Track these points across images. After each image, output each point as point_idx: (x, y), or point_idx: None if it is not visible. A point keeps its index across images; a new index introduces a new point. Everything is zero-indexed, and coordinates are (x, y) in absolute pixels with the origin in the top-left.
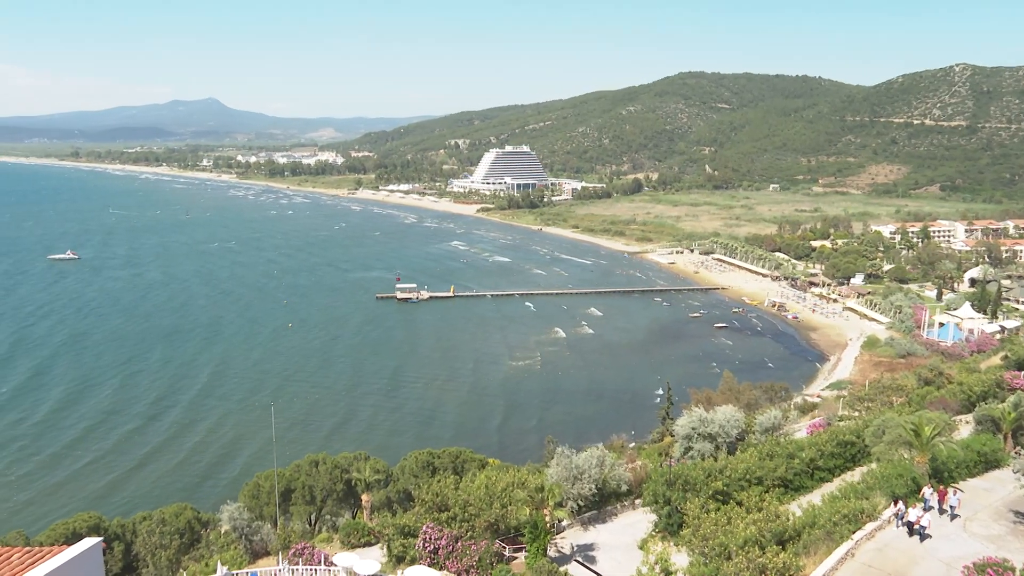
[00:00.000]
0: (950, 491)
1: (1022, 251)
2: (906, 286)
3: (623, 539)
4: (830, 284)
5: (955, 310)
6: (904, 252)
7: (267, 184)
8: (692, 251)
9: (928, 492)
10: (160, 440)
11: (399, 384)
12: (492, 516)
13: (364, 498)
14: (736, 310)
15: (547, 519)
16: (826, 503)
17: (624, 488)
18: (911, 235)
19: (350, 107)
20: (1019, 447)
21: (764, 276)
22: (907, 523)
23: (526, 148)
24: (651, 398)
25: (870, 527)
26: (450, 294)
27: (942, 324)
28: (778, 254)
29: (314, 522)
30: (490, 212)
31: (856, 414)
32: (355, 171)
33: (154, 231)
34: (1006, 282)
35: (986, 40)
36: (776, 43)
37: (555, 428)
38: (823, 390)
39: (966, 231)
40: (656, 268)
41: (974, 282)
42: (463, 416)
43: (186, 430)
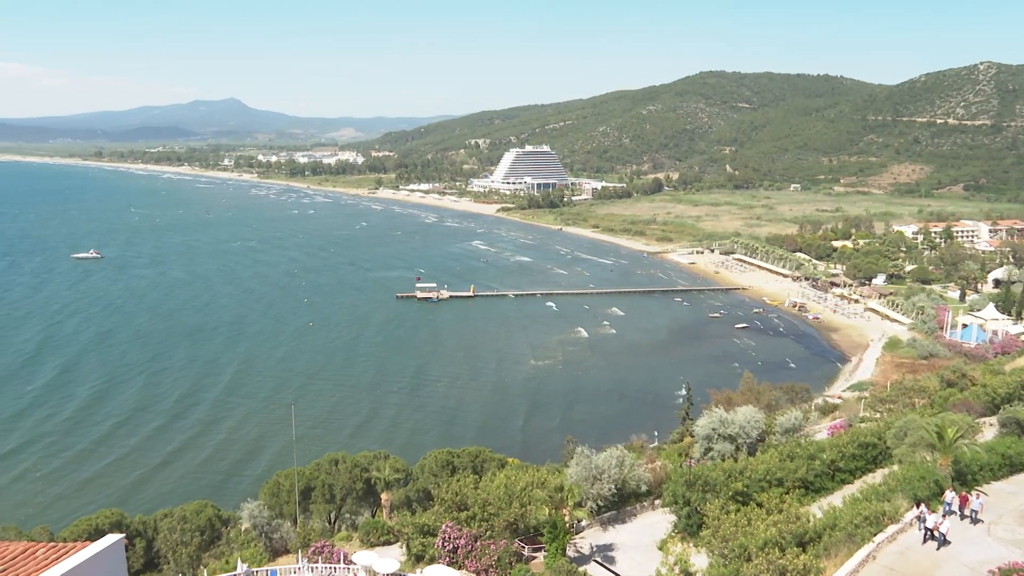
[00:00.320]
0: (972, 496)
1: None
2: (929, 287)
3: (642, 540)
4: (851, 284)
5: (979, 311)
6: (927, 252)
7: (288, 184)
8: (712, 251)
9: (949, 496)
10: (184, 438)
11: (422, 383)
12: (511, 516)
13: (384, 497)
14: (757, 310)
15: (566, 519)
16: (847, 505)
17: (644, 489)
18: (934, 235)
19: (370, 107)
20: None
21: (785, 276)
22: (926, 528)
23: (546, 148)
24: (673, 398)
25: (892, 530)
26: (470, 294)
27: (965, 325)
28: (799, 254)
29: (334, 520)
30: (510, 212)
31: (877, 416)
32: (375, 171)
33: (177, 230)
34: None
35: (1013, 37)
36: (798, 42)
37: (578, 428)
38: (844, 391)
39: (990, 231)
40: (676, 268)
41: (998, 283)
42: (486, 415)
43: (210, 428)
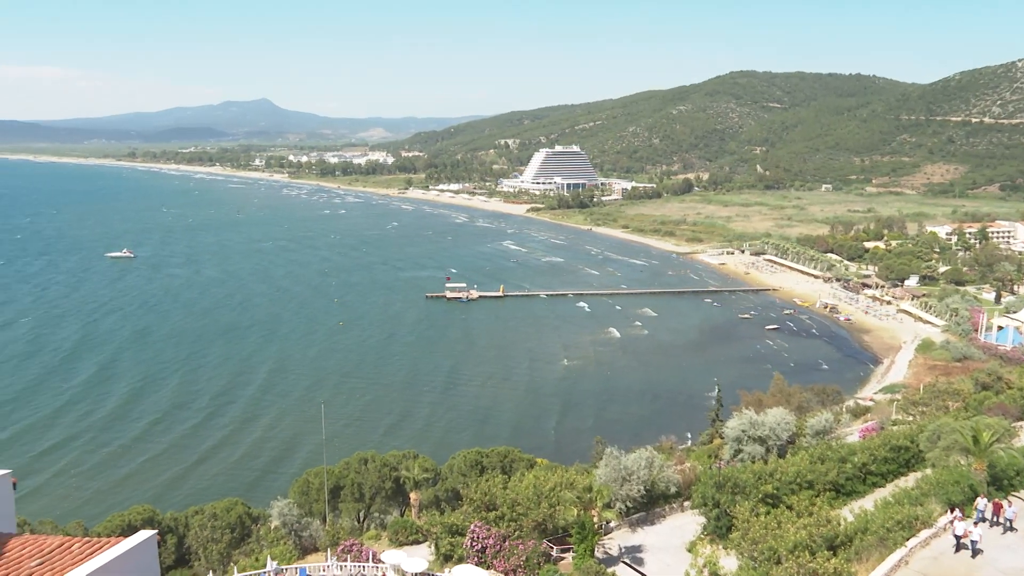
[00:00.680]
0: (1005, 503)
1: None
2: (963, 288)
3: (671, 541)
4: (883, 286)
5: (1015, 313)
6: (961, 253)
7: (318, 184)
8: (743, 252)
9: (982, 503)
10: (220, 436)
11: (455, 382)
12: (540, 516)
13: (412, 496)
14: (787, 311)
15: (595, 520)
16: (879, 509)
17: (673, 490)
18: (968, 236)
19: (400, 107)
20: None
21: (816, 277)
22: (954, 536)
23: (576, 148)
24: (705, 399)
25: (925, 534)
26: (499, 294)
27: (1001, 327)
28: (830, 255)
29: (362, 519)
30: (540, 212)
31: (910, 418)
32: (405, 171)
33: (209, 229)
34: None
35: None
36: (830, 41)
37: (611, 428)
38: (876, 393)
39: None
40: (706, 269)
41: None
42: (519, 415)
43: (245, 427)
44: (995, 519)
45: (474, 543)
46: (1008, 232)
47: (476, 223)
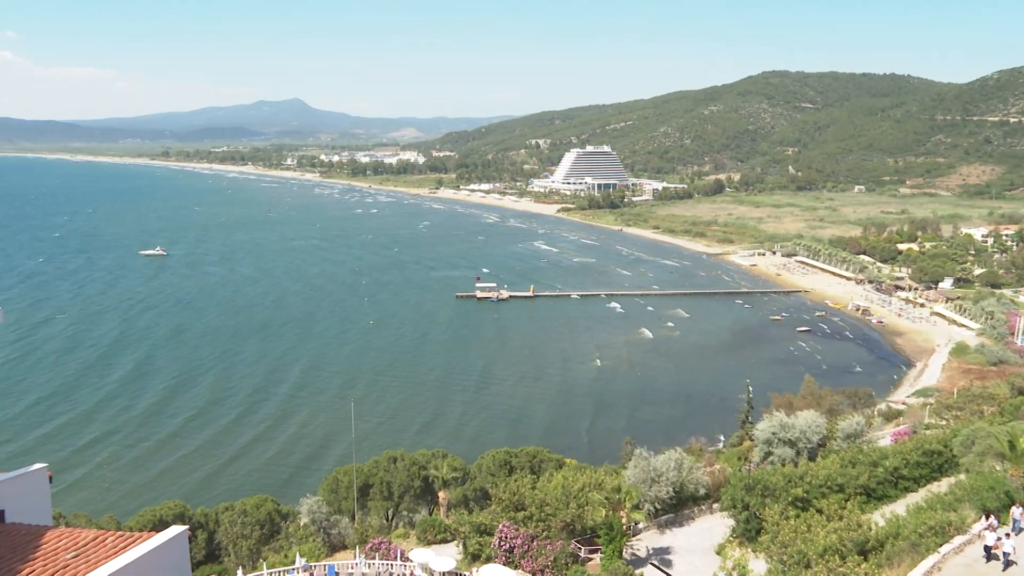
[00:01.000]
0: None
1: None
2: (999, 291)
3: (700, 543)
4: (917, 288)
5: None
6: (997, 256)
7: (350, 183)
8: (774, 253)
9: (1017, 513)
10: (254, 433)
11: (488, 382)
12: (568, 516)
13: (441, 495)
14: (819, 313)
15: (623, 521)
16: (911, 514)
17: (702, 492)
18: (1005, 238)
19: (431, 107)
20: None
21: (848, 279)
22: (984, 547)
23: (607, 148)
24: (737, 401)
25: (959, 541)
26: (530, 294)
27: None
28: (863, 257)
29: (391, 517)
30: (570, 212)
31: (943, 423)
32: (436, 171)
33: (243, 228)
34: None
35: None
36: (863, 40)
37: (643, 429)
38: (908, 397)
39: None
40: (738, 270)
41: None
42: (552, 415)
43: (279, 424)
44: None
45: (502, 543)
46: None
47: (507, 223)
